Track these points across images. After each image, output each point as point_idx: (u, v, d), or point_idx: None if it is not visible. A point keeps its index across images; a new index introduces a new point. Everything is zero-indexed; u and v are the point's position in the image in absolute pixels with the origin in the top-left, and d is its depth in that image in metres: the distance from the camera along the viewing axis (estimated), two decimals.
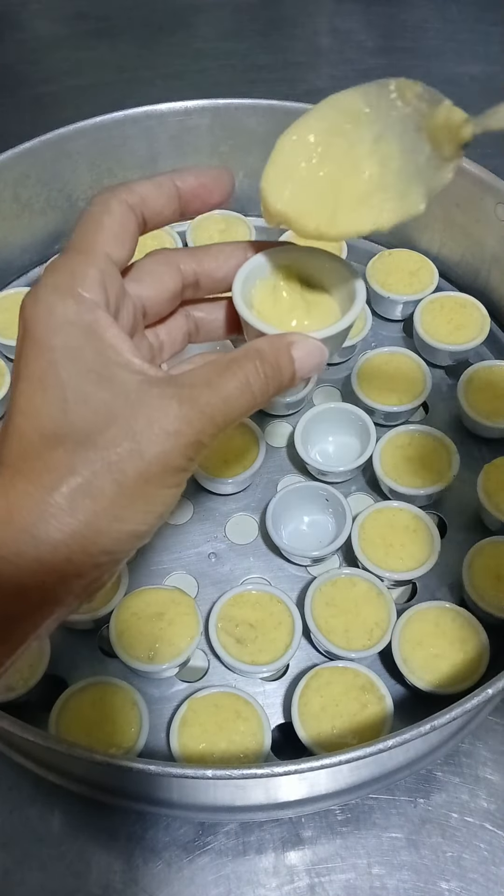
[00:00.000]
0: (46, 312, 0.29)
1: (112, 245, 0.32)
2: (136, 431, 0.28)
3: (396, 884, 0.44)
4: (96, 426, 0.28)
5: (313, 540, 0.52)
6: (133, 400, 0.29)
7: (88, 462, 0.28)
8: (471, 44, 0.94)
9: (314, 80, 0.90)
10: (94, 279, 0.30)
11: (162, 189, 0.34)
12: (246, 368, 0.31)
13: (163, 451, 0.29)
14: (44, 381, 0.29)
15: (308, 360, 0.33)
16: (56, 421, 0.29)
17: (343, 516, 0.51)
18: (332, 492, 0.52)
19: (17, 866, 0.44)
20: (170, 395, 0.29)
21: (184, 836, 0.45)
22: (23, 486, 0.28)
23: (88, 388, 0.29)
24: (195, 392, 0.30)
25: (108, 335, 0.30)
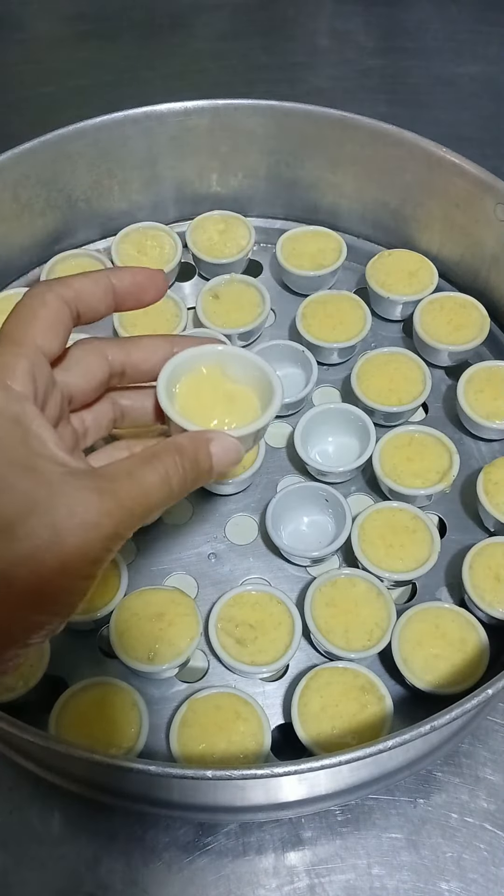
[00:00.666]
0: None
1: (44, 337, 0.32)
2: (56, 522, 0.29)
3: (396, 884, 0.44)
4: (17, 516, 0.28)
5: (313, 540, 0.52)
6: (55, 491, 0.29)
7: (6, 551, 0.28)
8: (470, 44, 0.94)
9: (314, 81, 0.90)
10: (23, 371, 0.31)
11: (98, 286, 0.35)
12: (166, 462, 0.32)
13: (82, 542, 0.29)
14: None
15: (225, 456, 0.35)
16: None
17: (343, 517, 0.51)
18: (331, 492, 0.52)
19: (17, 866, 0.44)
20: (90, 488, 0.30)
21: (183, 837, 0.45)
22: None
23: (11, 478, 0.29)
24: (115, 486, 0.30)
25: (34, 426, 0.31)
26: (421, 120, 0.82)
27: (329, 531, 0.52)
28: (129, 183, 0.66)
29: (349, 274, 0.66)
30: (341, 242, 0.64)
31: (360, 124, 0.61)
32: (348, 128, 0.62)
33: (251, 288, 0.62)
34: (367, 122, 0.61)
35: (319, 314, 0.60)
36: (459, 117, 0.85)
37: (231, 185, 0.67)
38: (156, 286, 0.37)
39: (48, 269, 0.63)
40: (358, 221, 0.67)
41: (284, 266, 0.63)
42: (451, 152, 0.59)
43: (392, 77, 0.91)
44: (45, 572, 0.28)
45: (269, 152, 0.65)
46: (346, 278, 0.66)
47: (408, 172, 0.62)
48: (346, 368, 0.60)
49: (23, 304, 0.33)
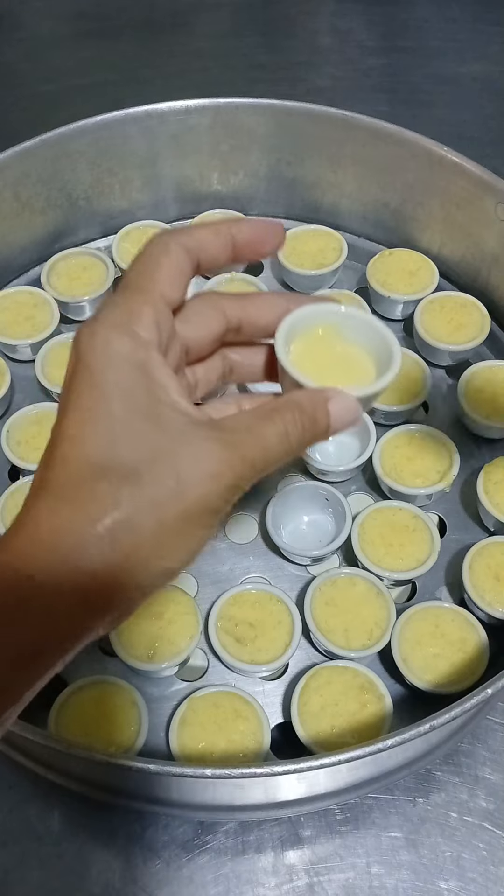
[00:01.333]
0: (103, 346, 0.30)
1: (167, 285, 0.33)
2: (180, 471, 0.29)
3: (395, 883, 0.44)
4: (143, 462, 0.29)
5: (313, 539, 0.52)
6: (178, 440, 0.30)
7: (133, 497, 0.29)
8: (472, 43, 0.94)
9: (315, 80, 0.90)
10: (149, 318, 0.31)
11: (219, 237, 0.35)
12: (285, 419, 0.32)
13: (204, 492, 0.30)
14: (94, 413, 0.30)
15: (343, 415, 0.34)
16: (104, 453, 0.29)
17: (343, 516, 0.51)
18: (331, 491, 0.52)
19: (17, 865, 0.44)
20: (214, 439, 0.30)
21: (183, 835, 0.45)
22: (67, 514, 0.28)
23: (137, 425, 0.30)
24: (237, 437, 0.31)
25: (159, 375, 0.31)
26: (422, 119, 0.82)
27: (329, 530, 0.52)
28: (130, 181, 0.65)
29: (350, 273, 0.66)
30: (342, 241, 0.64)
31: (361, 123, 0.61)
32: (349, 127, 0.62)
33: (251, 287, 0.62)
34: (368, 122, 0.61)
35: None
36: (460, 117, 0.85)
37: (232, 184, 0.67)
38: (273, 239, 0.36)
39: (49, 267, 0.63)
40: (359, 220, 0.67)
41: (285, 265, 0.63)
42: (451, 152, 0.59)
43: (393, 76, 0.91)
44: (168, 520, 0.29)
45: (270, 151, 0.65)
46: (346, 277, 0.66)
47: (409, 172, 0.62)
48: None
49: (147, 253, 0.33)
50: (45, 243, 0.65)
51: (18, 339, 0.59)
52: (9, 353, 0.61)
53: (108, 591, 0.29)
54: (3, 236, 0.63)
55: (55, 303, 0.61)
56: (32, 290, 0.62)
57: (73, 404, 0.30)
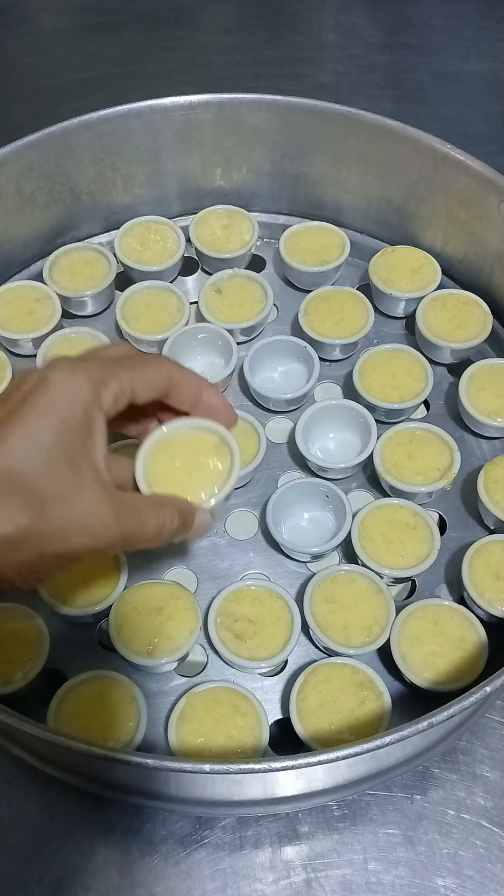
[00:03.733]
0: (74, 389, 0.36)
1: (142, 384, 0.38)
2: (71, 521, 0.35)
3: (392, 880, 0.44)
4: (50, 495, 0.34)
5: (313, 536, 0.52)
6: (83, 490, 0.35)
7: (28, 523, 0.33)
8: (476, 40, 0.94)
9: (319, 76, 0.90)
10: (113, 391, 0.37)
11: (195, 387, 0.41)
12: (167, 514, 0.39)
13: (79, 545, 0.35)
14: (34, 434, 0.35)
15: (200, 528, 0.42)
16: (23, 469, 0.34)
17: (343, 513, 0.51)
18: (332, 488, 0.52)
19: (15, 859, 0.45)
20: (107, 503, 0.36)
21: (181, 830, 0.45)
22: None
23: (61, 462, 0.35)
24: (124, 511, 0.37)
25: (98, 434, 0.36)
26: (426, 116, 0.82)
27: (329, 527, 0.52)
28: (133, 177, 0.65)
29: (352, 270, 0.66)
30: (345, 238, 0.64)
31: (364, 120, 0.61)
32: (353, 123, 0.62)
33: (254, 283, 0.62)
34: (371, 118, 0.61)
35: (322, 310, 0.60)
36: (464, 114, 0.84)
37: (235, 180, 0.67)
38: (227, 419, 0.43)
39: (51, 261, 0.63)
40: (361, 218, 0.67)
41: (287, 261, 0.62)
42: (455, 149, 0.59)
43: (397, 73, 0.90)
44: (45, 555, 0.35)
45: (274, 147, 0.65)
46: (349, 274, 0.66)
47: (412, 169, 0.61)
48: (348, 365, 0.60)
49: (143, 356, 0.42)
50: (48, 238, 0.65)
51: (20, 334, 0.59)
52: (10, 348, 0.61)
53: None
54: (5, 230, 0.63)
55: (57, 297, 0.61)
56: (34, 285, 0.62)
57: (20, 416, 0.35)
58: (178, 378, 0.40)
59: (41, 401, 0.35)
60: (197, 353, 0.60)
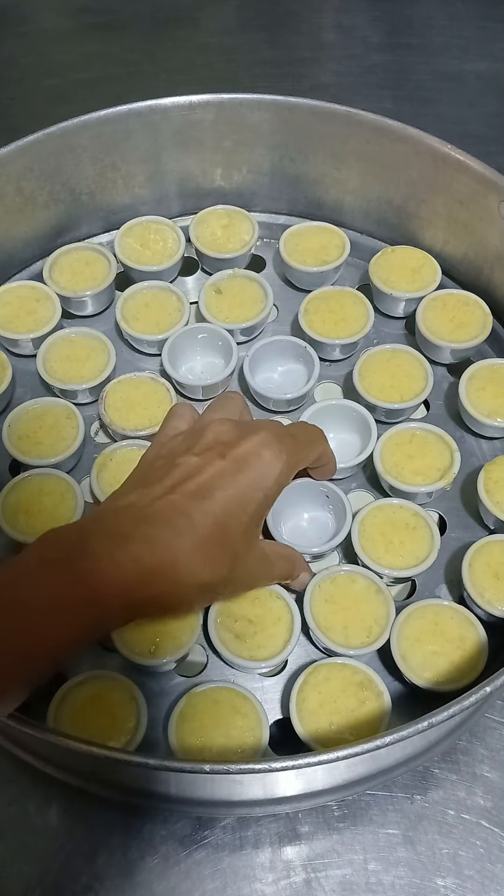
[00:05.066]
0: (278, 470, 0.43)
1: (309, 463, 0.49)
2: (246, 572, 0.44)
3: (392, 880, 0.44)
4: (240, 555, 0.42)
5: (313, 536, 0.52)
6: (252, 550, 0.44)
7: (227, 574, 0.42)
8: (476, 41, 0.94)
9: (319, 76, 0.90)
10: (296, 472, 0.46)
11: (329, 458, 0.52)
12: (283, 567, 0.47)
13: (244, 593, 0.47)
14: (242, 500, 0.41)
15: (302, 584, 0.48)
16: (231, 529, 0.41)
17: (343, 513, 0.51)
18: (332, 488, 0.52)
19: (14, 858, 0.45)
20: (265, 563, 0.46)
21: (181, 831, 0.45)
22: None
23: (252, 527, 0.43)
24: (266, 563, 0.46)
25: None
26: (426, 116, 0.82)
27: (329, 527, 0.52)
28: (133, 177, 0.65)
29: (352, 270, 0.66)
30: (345, 238, 0.64)
31: (364, 120, 0.61)
32: (353, 124, 0.62)
33: (254, 283, 0.62)
34: (371, 118, 0.61)
35: (322, 310, 0.60)
36: (464, 114, 0.84)
37: (235, 180, 0.67)
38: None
39: (51, 261, 0.63)
40: (361, 218, 0.67)
41: (287, 262, 0.62)
42: (455, 149, 0.59)
43: (397, 73, 0.90)
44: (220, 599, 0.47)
45: (274, 147, 0.65)
46: (349, 275, 0.66)
47: (412, 169, 0.61)
48: (348, 365, 0.60)
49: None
50: (48, 238, 0.65)
51: (20, 334, 0.59)
52: (10, 348, 0.61)
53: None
54: (5, 230, 0.63)
55: (57, 297, 0.61)
56: (34, 285, 0.62)
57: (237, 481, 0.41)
58: (326, 457, 0.50)
59: (255, 474, 0.41)
60: (197, 353, 0.60)
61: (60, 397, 0.57)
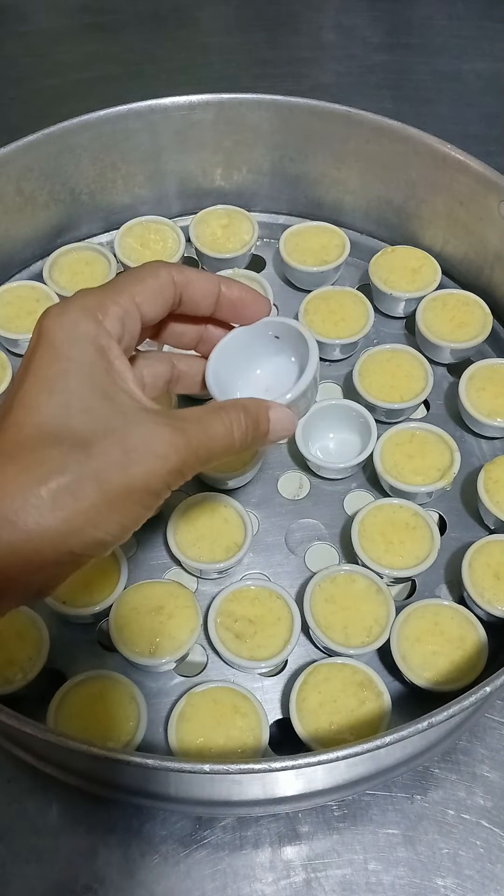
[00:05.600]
0: (70, 326, 0.33)
1: (143, 298, 0.35)
2: (129, 447, 0.31)
3: (392, 880, 0.44)
4: (94, 435, 0.31)
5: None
6: (130, 420, 0.32)
7: (79, 465, 0.30)
8: (476, 40, 0.94)
9: (319, 76, 0.90)
10: (116, 313, 0.34)
11: (209, 283, 0.38)
12: (231, 416, 0.35)
13: (148, 470, 0.31)
14: (52, 385, 0.32)
15: (280, 423, 0.38)
16: (57, 422, 0.31)
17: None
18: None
19: (14, 858, 0.45)
20: (163, 423, 0.32)
21: (181, 830, 0.45)
22: (12, 475, 0.30)
23: (93, 401, 0.32)
24: (186, 425, 0.33)
25: (118, 363, 0.33)
26: (425, 116, 0.82)
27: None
28: (133, 177, 0.65)
29: (352, 270, 0.66)
30: (345, 238, 0.64)
31: (364, 120, 0.61)
32: (353, 123, 0.62)
33: (254, 283, 0.62)
34: (371, 118, 0.61)
35: (322, 310, 0.60)
36: (464, 114, 0.84)
37: (235, 180, 0.67)
38: (258, 308, 0.40)
39: (50, 262, 0.63)
40: (361, 217, 0.67)
41: (287, 262, 0.62)
42: (455, 149, 0.59)
43: (397, 73, 0.90)
44: (110, 492, 0.31)
45: (274, 147, 0.65)
46: (348, 274, 0.66)
47: (412, 169, 0.61)
48: (348, 365, 0.60)
49: (138, 268, 0.36)
50: (48, 238, 0.65)
51: (20, 334, 0.59)
52: (10, 348, 0.61)
53: (41, 553, 0.30)
54: (5, 230, 0.63)
55: (57, 298, 0.61)
56: (34, 285, 0.62)
57: (33, 374, 0.32)
58: (183, 280, 0.36)
59: (43, 350, 0.33)
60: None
61: None
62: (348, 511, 0.54)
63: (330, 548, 0.53)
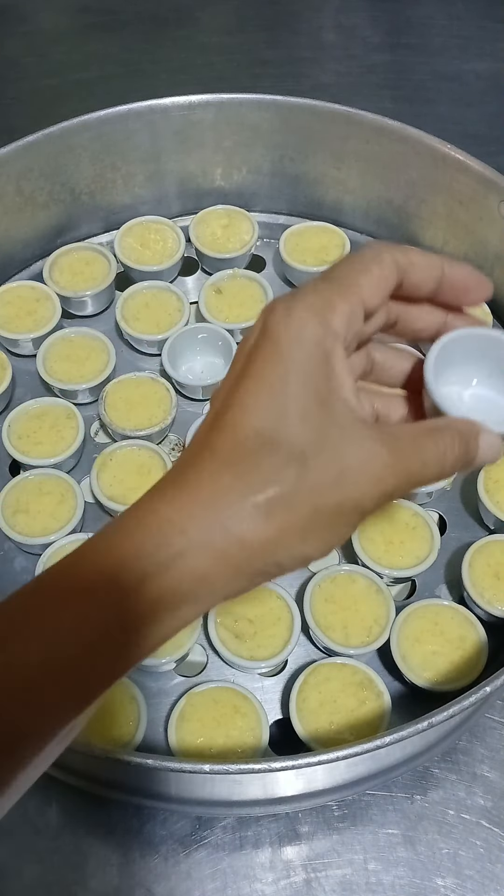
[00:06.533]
0: (297, 326, 0.31)
1: (369, 291, 0.33)
2: (345, 466, 0.30)
3: (392, 880, 0.44)
4: (310, 446, 0.30)
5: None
6: (348, 435, 0.30)
7: (296, 477, 0.29)
8: (476, 40, 0.94)
9: (319, 76, 0.90)
10: (344, 312, 0.32)
11: (431, 267, 0.35)
12: (445, 440, 0.33)
13: (362, 492, 0.30)
14: (273, 386, 0.30)
15: (488, 451, 0.35)
16: (275, 427, 0.30)
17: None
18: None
19: (15, 859, 0.45)
20: (381, 442, 0.31)
21: (181, 831, 0.45)
22: (229, 479, 0.29)
23: (311, 408, 0.30)
24: (401, 446, 0.31)
25: (339, 368, 0.31)
26: (425, 116, 0.82)
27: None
28: (133, 177, 0.65)
29: None
30: (345, 238, 0.64)
31: (364, 120, 0.61)
32: (353, 124, 0.62)
33: (254, 283, 0.62)
34: (371, 118, 0.61)
35: None
36: (464, 114, 0.84)
37: (235, 180, 0.67)
38: (481, 291, 0.37)
39: (51, 261, 0.63)
40: (361, 217, 0.67)
41: (287, 262, 0.62)
42: (455, 149, 0.59)
43: (397, 73, 0.90)
44: (322, 508, 0.30)
45: (274, 147, 0.65)
46: None
47: (412, 169, 0.61)
48: None
49: (359, 255, 0.34)
50: (48, 238, 0.65)
51: (20, 334, 0.59)
52: (10, 348, 0.61)
53: (249, 562, 0.29)
54: (5, 230, 0.63)
55: (57, 297, 0.61)
56: (34, 285, 0.62)
57: (253, 374, 0.31)
58: (406, 262, 0.34)
59: (268, 351, 0.31)
60: (197, 353, 0.60)
61: (60, 397, 0.57)
62: None
63: None
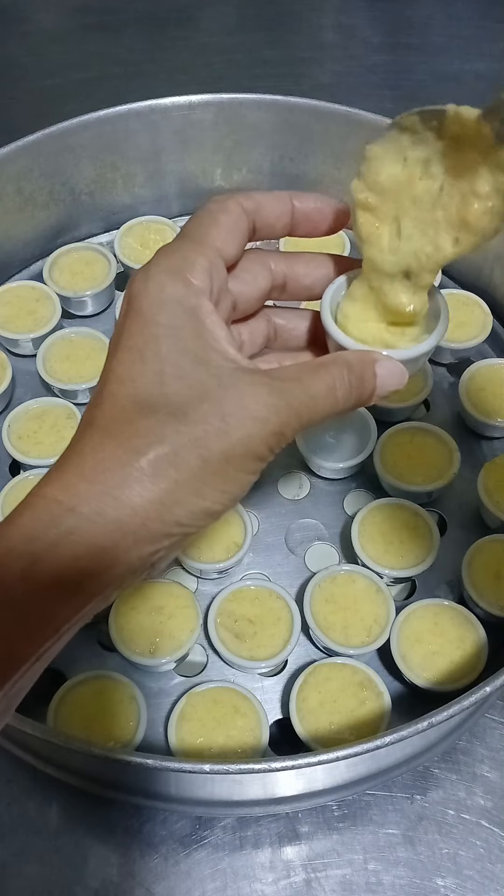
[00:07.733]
0: (156, 290, 0.31)
1: (222, 240, 0.33)
2: (226, 412, 0.30)
3: (392, 880, 0.44)
4: (189, 401, 0.30)
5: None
6: (226, 383, 0.30)
7: (177, 434, 0.29)
8: (476, 40, 0.94)
9: (319, 76, 0.90)
10: (202, 267, 0.32)
11: (279, 202, 0.36)
12: (333, 373, 0.33)
13: (248, 434, 0.30)
14: (144, 353, 0.31)
15: (389, 379, 0.34)
16: (151, 391, 0.30)
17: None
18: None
19: (15, 859, 0.45)
20: (261, 384, 0.31)
21: (181, 830, 0.45)
22: (111, 449, 0.29)
23: (185, 366, 0.30)
24: (285, 385, 0.31)
25: (209, 321, 0.31)
26: None
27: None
28: (133, 177, 0.65)
29: None
30: (344, 238, 0.64)
31: (364, 120, 0.61)
32: (353, 123, 0.61)
33: None
34: (371, 118, 0.61)
35: None
36: None
37: (235, 180, 0.67)
38: (337, 217, 0.37)
39: (50, 262, 0.63)
40: None
41: None
42: None
43: (397, 73, 0.90)
44: (211, 458, 0.30)
45: (274, 147, 0.65)
46: None
47: None
48: None
49: (205, 208, 0.34)
50: (48, 238, 0.65)
51: (20, 334, 0.59)
52: (10, 348, 0.61)
53: (148, 525, 0.29)
54: (5, 230, 0.63)
55: (57, 297, 0.61)
56: (34, 285, 0.62)
57: (123, 344, 0.31)
58: (253, 206, 0.34)
59: (132, 319, 0.31)
60: None
61: (60, 397, 0.57)
62: (348, 511, 0.54)
63: (330, 548, 0.53)
